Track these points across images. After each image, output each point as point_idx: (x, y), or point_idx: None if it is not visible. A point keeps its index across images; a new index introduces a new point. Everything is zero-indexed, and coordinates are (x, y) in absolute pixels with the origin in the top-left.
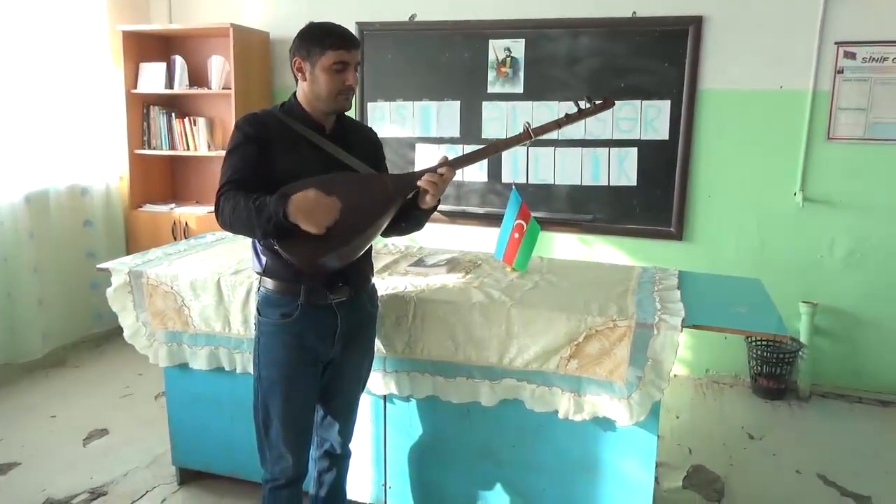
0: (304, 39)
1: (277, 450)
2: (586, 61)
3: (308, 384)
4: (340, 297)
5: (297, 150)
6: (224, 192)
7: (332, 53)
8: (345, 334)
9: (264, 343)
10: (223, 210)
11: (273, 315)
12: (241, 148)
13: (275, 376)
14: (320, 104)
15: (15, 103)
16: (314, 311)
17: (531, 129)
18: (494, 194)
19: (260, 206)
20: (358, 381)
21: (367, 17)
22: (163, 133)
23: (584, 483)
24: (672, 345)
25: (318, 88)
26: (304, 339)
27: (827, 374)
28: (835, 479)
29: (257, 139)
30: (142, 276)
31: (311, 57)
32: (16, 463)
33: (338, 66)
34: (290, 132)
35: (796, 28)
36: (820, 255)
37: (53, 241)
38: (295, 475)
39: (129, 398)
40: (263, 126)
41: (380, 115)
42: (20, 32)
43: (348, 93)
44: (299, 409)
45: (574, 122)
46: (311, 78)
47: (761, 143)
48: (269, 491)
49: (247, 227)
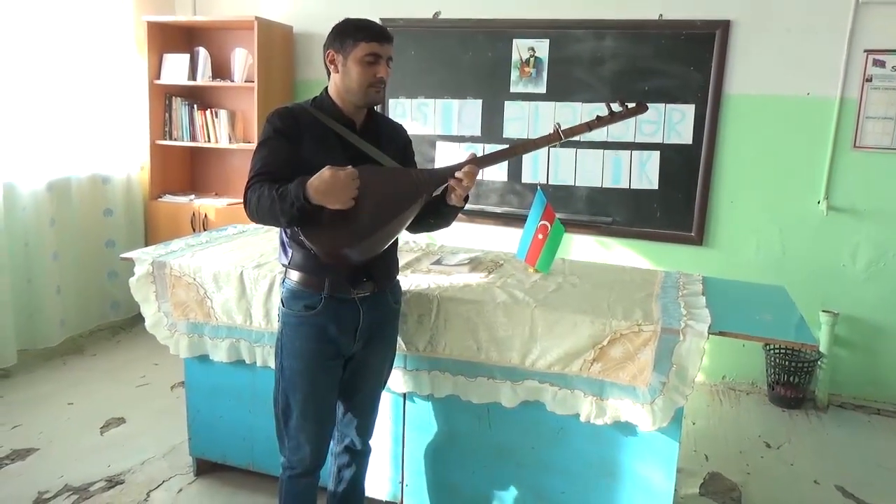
0: (339, 32)
1: (296, 440)
2: (610, 63)
3: (329, 377)
4: (364, 291)
5: (326, 145)
6: (252, 184)
7: (365, 45)
8: (367, 329)
9: (287, 334)
10: (250, 201)
11: (296, 307)
12: (270, 141)
13: (296, 368)
14: (352, 97)
15: (40, 92)
16: (337, 304)
17: (561, 130)
18: (514, 194)
19: (283, 193)
20: (380, 377)
21: (392, 13)
22: (184, 124)
23: (603, 487)
24: (698, 351)
25: (349, 81)
26: (326, 331)
27: (846, 385)
28: (853, 490)
29: (287, 133)
30: (165, 267)
31: (344, 49)
32: (34, 449)
33: (370, 57)
34: (321, 126)
35: (825, 35)
36: (842, 264)
37: (74, 228)
38: (312, 465)
39: (146, 388)
40: (294, 120)
41: (401, 111)
42: (47, 21)
43: (379, 85)
44: (319, 401)
45: (605, 125)
46: (344, 70)
47: (786, 149)
48: (288, 478)
49: (272, 216)
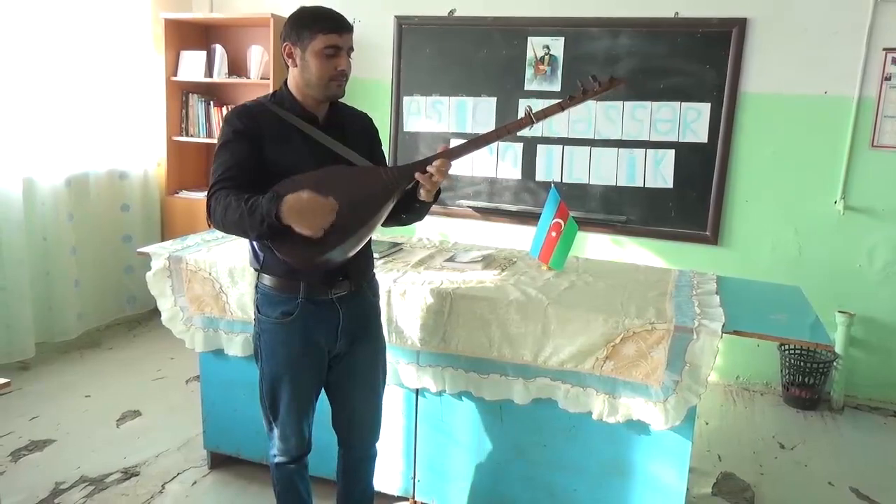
0: (295, 24)
1: (283, 432)
2: (626, 61)
3: (310, 375)
4: (341, 291)
5: (288, 143)
6: (214, 192)
7: (324, 37)
8: (348, 328)
9: (265, 340)
10: (215, 212)
11: (273, 313)
12: (230, 144)
13: (277, 371)
14: (312, 91)
15: (59, 89)
16: (314, 307)
17: (533, 113)
18: (528, 192)
19: (252, 206)
20: (375, 374)
21: (406, 11)
22: (200, 121)
23: (615, 485)
24: (711, 350)
25: (308, 74)
26: (306, 335)
27: (861, 386)
28: (868, 492)
29: (247, 133)
30: (181, 262)
31: (301, 41)
32: (51, 440)
33: (329, 50)
34: (282, 123)
35: (843, 33)
36: (858, 265)
37: (91, 223)
38: (298, 453)
39: (162, 381)
40: (253, 119)
41: (415, 109)
42: (67, 19)
43: (340, 79)
44: (302, 397)
45: (578, 103)
46: (302, 64)
47: (803, 148)
48: (276, 466)
49: (239, 229)
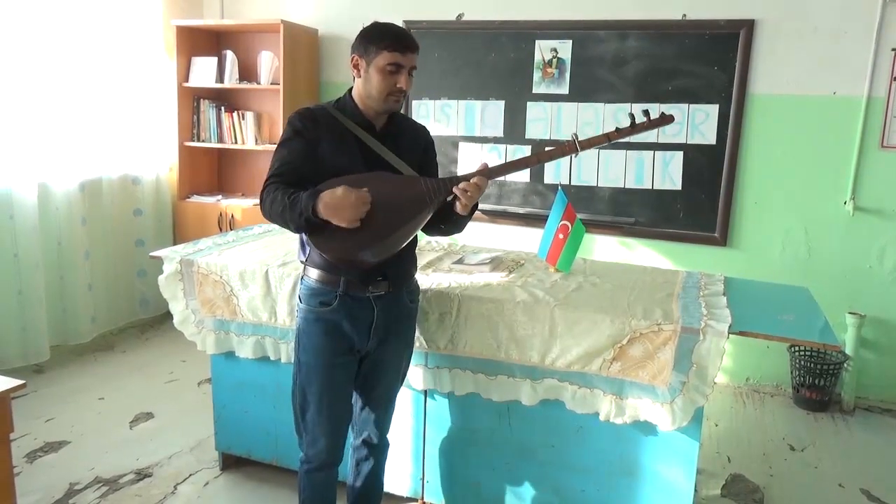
0: (364, 37)
1: (312, 434)
2: (634, 63)
3: (344, 372)
4: (378, 290)
5: (344, 147)
6: (267, 185)
7: (388, 54)
8: (381, 327)
9: (304, 329)
10: (264, 203)
11: (312, 303)
12: (289, 142)
13: (312, 362)
14: (371, 102)
15: (72, 95)
16: (351, 301)
17: (578, 141)
18: (536, 195)
19: (294, 201)
20: (397, 374)
21: (415, 15)
22: (212, 126)
23: (623, 486)
24: (718, 351)
25: (370, 87)
26: (341, 327)
27: (872, 388)
28: (879, 494)
29: (306, 134)
30: (193, 265)
31: (367, 55)
32: (66, 441)
33: (391, 67)
34: (340, 128)
35: (852, 33)
36: (869, 266)
37: (105, 228)
38: (329, 460)
39: (174, 384)
40: (314, 121)
41: (424, 112)
42: (79, 26)
43: (399, 95)
44: (334, 395)
45: (625, 136)
46: (365, 76)
47: (812, 149)
48: (305, 473)
49: (282, 220)
